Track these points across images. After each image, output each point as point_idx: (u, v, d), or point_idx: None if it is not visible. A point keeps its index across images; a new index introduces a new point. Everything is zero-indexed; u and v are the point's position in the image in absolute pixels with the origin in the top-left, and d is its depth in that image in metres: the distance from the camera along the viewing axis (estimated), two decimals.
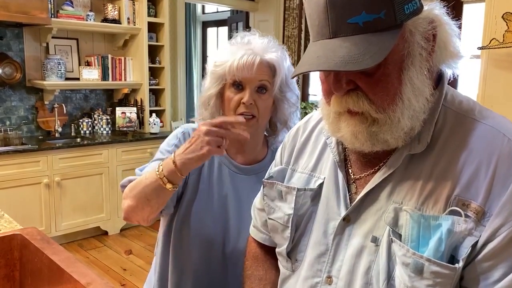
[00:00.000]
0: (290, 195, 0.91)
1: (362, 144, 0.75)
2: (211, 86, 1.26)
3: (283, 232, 0.92)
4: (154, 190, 1.11)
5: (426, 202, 0.72)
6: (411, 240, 0.69)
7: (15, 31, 3.95)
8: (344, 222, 0.81)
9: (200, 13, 6.93)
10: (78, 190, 3.89)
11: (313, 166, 0.91)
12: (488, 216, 0.67)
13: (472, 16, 4.31)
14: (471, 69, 4.17)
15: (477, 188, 0.68)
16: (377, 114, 0.71)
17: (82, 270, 1.06)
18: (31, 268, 1.21)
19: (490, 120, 0.74)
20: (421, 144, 0.74)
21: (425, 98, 0.72)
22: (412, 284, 0.68)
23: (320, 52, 0.69)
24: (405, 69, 0.70)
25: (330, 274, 0.82)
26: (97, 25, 4.23)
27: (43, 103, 4.17)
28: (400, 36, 0.69)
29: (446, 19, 0.75)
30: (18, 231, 1.27)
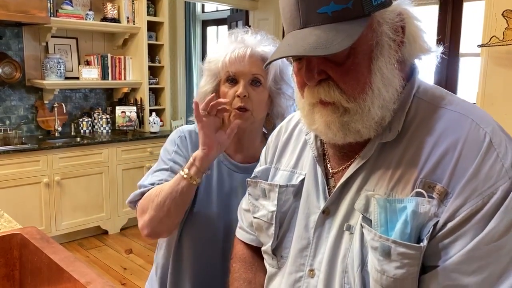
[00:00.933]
0: (273, 192, 0.92)
1: (335, 134, 0.77)
2: (206, 83, 1.28)
3: (267, 229, 0.93)
4: (183, 191, 1.14)
5: (396, 187, 0.73)
6: (380, 225, 0.71)
7: (15, 31, 3.94)
8: (324, 215, 0.83)
9: (200, 11, 6.92)
10: (78, 189, 3.89)
11: (294, 163, 0.94)
12: (450, 197, 0.68)
13: (472, 14, 4.30)
14: (472, 67, 4.18)
15: (443, 170, 0.70)
16: (348, 103, 0.74)
17: (82, 269, 1.06)
18: (31, 268, 1.21)
19: (459, 107, 0.75)
20: (392, 133, 0.76)
21: (394, 88, 0.75)
22: (381, 267, 0.70)
23: (291, 41, 0.72)
24: (374, 58, 0.73)
25: (313, 267, 0.83)
26: (97, 24, 4.22)
27: (43, 103, 4.16)
28: (368, 26, 0.71)
29: (414, 14, 0.77)
30: (17, 230, 1.27)
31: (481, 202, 0.66)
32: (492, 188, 0.66)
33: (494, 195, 0.66)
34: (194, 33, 6.83)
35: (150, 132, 4.44)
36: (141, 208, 1.20)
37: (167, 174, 1.25)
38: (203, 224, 1.26)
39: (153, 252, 1.42)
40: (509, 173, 0.67)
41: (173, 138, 1.33)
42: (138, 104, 4.56)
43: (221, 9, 6.64)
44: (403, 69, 0.79)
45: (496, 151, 0.69)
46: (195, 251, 1.27)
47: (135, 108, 4.48)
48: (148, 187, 1.22)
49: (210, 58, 1.28)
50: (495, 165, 0.68)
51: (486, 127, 0.71)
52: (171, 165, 1.26)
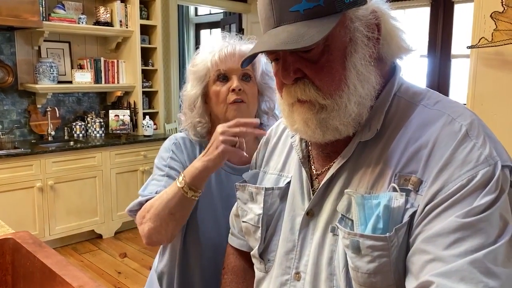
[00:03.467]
0: (259, 195, 0.92)
1: (314, 132, 0.77)
2: (194, 87, 1.29)
3: (255, 233, 0.93)
4: (179, 202, 1.12)
5: (375, 185, 0.74)
6: (360, 223, 0.70)
7: (7, 35, 3.93)
8: (308, 217, 0.83)
9: (193, 15, 6.93)
10: (72, 193, 3.87)
11: (281, 166, 0.94)
12: (424, 185, 0.68)
13: (463, 15, 4.34)
14: (463, 68, 4.20)
15: (417, 162, 0.70)
16: (325, 100, 0.74)
17: (75, 273, 1.06)
18: (23, 272, 1.21)
19: (438, 105, 0.75)
20: (371, 132, 0.77)
21: (371, 85, 0.75)
22: (354, 264, 0.70)
23: (265, 39, 0.74)
24: (348, 55, 0.74)
25: (298, 270, 0.83)
26: (89, 28, 4.22)
27: (36, 107, 4.15)
28: (340, 23, 0.72)
29: (389, 13, 0.78)
30: (10, 235, 1.27)
31: (460, 184, 0.65)
32: (472, 171, 0.65)
33: (474, 178, 0.65)
34: (187, 36, 6.83)
35: (144, 136, 4.43)
36: (140, 218, 1.19)
37: (165, 181, 1.24)
38: (208, 230, 1.26)
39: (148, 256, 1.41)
40: (488, 160, 0.66)
41: (168, 145, 1.33)
42: (132, 108, 4.55)
43: (214, 12, 6.65)
44: (382, 68, 0.80)
45: (473, 141, 0.68)
46: (202, 257, 1.26)
47: (129, 111, 4.47)
48: (147, 196, 1.21)
49: (196, 61, 1.30)
50: (473, 152, 0.67)
51: (463, 121, 0.71)
52: (167, 171, 1.26)
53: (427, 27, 4.56)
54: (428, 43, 4.57)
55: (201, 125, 1.30)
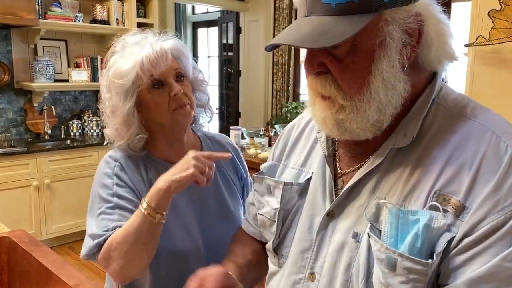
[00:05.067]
0: (277, 189, 0.90)
1: (331, 130, 0.75)
2: (125, 101, 1.15)
3: (270, 227, 0.91)
4: (148, 230, 1.05)
5: (409, 197, 0.70)
6: (390, 236, 0.67)
7: (3, 33, 3.91)
8: (328, 218, 0.80)
9: (190, 13, 6.93)
10: (69, 192, 3.86)
11: (303, 161, 0.91)
12: (467, 212, 0.65)
13: (461, 14, 4.34)
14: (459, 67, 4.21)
15: (459, 183, 0.66)
16: (344, 101, 0.71)
17: (70, 272, 1.05)
18: (19, 271, 1.20)
19: (481, 118, 0.72)
20: (406, 138, 0.73)
21: (397, 93, 0.71)
22: (386, 280, 0.67)
23: (291, 28, 0.70)
24: (376, 59, 0.69)
25: (313, 271, 0.81)
26: (86, 26, 4.20)
27: (32, 105, 4.13)
28: (372, 24, 0.67)
29: (438, 17, 0.73)
30: (5, 233, 1.26)
31: (503, 217, 0.62)
32: None
33: None
34: (184, 35, 6.82)
35: None
36: (105, 259, 1.09)
37: (117, 213, 1.13)
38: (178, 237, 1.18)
39: None
40: None
41: (109, 171, 1.20)
42: None
43: (211, 10, 6.64)
44: (419, 74, 0.75)
45: None
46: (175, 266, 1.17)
47: None
48: (103, 235, 1.10)
49: (121, 71, 1.15)
50: None
51: (509, 140, 0.68)
52: (115, 202, 1.14)
53: None
54: None
55: (139, 139, 1.19)
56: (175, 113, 1.16)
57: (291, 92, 5.62)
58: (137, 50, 1.15)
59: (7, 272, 1.25)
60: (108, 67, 1.20)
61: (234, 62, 6.03)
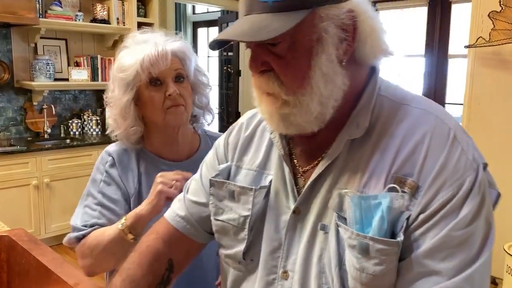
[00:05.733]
0: (245, 195, 0.87)
1: (277, 125, 0.78)
2: (124, 93, 1.21)
3: (236, 234, 0.88)
4: (119, 243, 1.13)
5: (368, 184, 0.74)
6: (355, 222, 0.71)
7: (3, 32, 3.91)
8: (295, 215, 0.82)
9: (190, 13, 6.93)
10: (68, 191, 3.86)
11: (261, 163, 0.90)
12: (421, 190, 0.70)
13: (461, 15, 4.35)
14: (461, 68, 4.22)
15: (412, 165, 0.71)
16: (287, 96, 0.74)
17: (70, 271, 1.05)
18: (19, 270, 1.20)
19: (422, 105, 0.78)
20: (360, 129, 0.77)
21: (336, 86, 0.74)
22: (360, 265, 0.70)
23: (232, 27, 0.74)
24: (314, 54, 0.73)
25: (286, 269, 0.82)
26: (86, 25, 4.21)
27: (32, 104, 4.13)
28: (308, 20, 0.71)
29: (370, 13, 0.76)
30: (5, 232, 1.26)
31: (451, 193, 0.68)
32: (460, 179, 0.69)
33: (463, 186, 0.69)
34: (184, 35, 6.81)
35: None
36: (81, 253, 1.20)
37: (98, 211, 1.21)
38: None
39: None
40: (473, 165, 0.70)
41: (101, 167, 1.27)
42: None
43: (212, 10, 6.64)
44: (359, 69, 0.79)
45: (461, 145, 0.72)
46: None
47: None
48: (82, 230, 1.20)
49: (124, 65, 1.21)
50: (461, 158, 0.70)
51: (449, 123, 0.74)
52: (99, 199, 1.22)
53: (425, 27, 4.57)
54: (426, 43, 4.58)
55: (134, 132, 1.25)
56: (168, 111, 1.20)
57: None
58: (141, 47, 1.20)
59: (7, 271, 1.25)
60: (116, 60, 1.27)
61: (234, 62, 6.02)
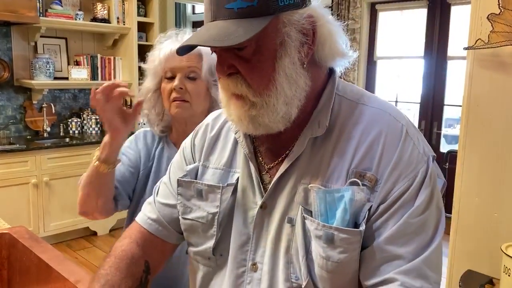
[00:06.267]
0: (213, 193, 0.91)
1: (246, 127, 0.81)
2: (149, 81, 1.38)
3: (205, 231, 0.91)
4: (93, 173, 1.26)
5: (330, 179, 0.79)
6: (320, 214, 0.77)
7: (3, 30, 3.91)
8: (262, 210, 0.85)
9: (190, 13, 6.93)
10: (67, 190, 3.86)
11: (227, 161, 0.93)
12: (380, 183, 0.76)
13: (460, 17, 4.36)
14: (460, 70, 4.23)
15: (371, 160, 0.77)
16: (255, 98, 0.78)
17: (71, 268, 1.06)
18: (20, 267, 1.21)
19: (376, 103, 0.84)
20: (321, 128, 0.82)
21: (300, 87, 0.79)
22: (326, 254, 0.75)
23: (199, 32, 0.77)
24: (278, 57, 0.77)
25: (255, 261, 0.86)
26: (86, 24, 4.21)
27: (31, 103, 4.13)
28: (272, 25, 0.75)
29: (328, 18, 0.81)
30: (6, 230, 1.27)
31: (406, 184, 0.76)
32: (414, 171, 0.76)
33: (416, 177, 0.76)
34: None
35: None
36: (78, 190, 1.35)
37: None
38: None
39: None
40: (423, 157, 0.78)
41: (131, 136, 1.46)
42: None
43: None
44: (319, 70, 0.83)
45: (413, 140, 0.79)
46: None
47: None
48: None
49: (150, 57, 1.37)
50: (414, 152, 0.78)
51: (401, 120, 0.81)
52: (120, 156, 1.35)
53: (424, 28, 4.58)
54: (425, 45, 4.59)
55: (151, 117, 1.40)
56: (172, 104, 1.32)
57: None
58: (166, 43, 1.35)
59: (7, 268, 1.26)
60: None
61: None
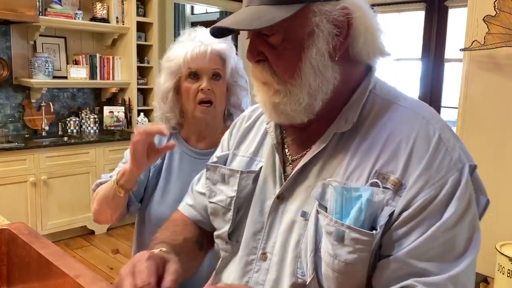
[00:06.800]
0: (233, 178, 0.93)
1: (270, 113, 0.82)
2: (167, 81, 1.36)
3: (224, 215, 0.94)
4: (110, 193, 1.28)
5: (351, 177, 0.77)
6: (336, 211, 0.73)
7: (2, 29, 3.91)
8: (278, 200, 0.85)
9: (189, 13, 6.94)
10: (65, 189, 3.87)
11: (254, 150, 0.95)
12: (404, 188, 0.72)
13: (458, 20, 4.38)
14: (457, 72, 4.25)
15: (396, 163, 0.74)
16: (278, 85, 0.78)
17: (71, 263, 1.06)
18: (19, 262, 1.21)
19: (412, 105, 0.80)
20: (347, 124, 0.80)
21: (326, 80, 0.78)
22: (334, 251, 0.72)
23: (231, 16, 0.79)
24: (306, 47, 0.76)
25: (265, 251, 0.85)
26: (86, 23, 4.21)
27: (30, 102, 4.13)
28: (302, 14, 0.74)
29: (366, 12, 0.78)
30: (5, 225, 1.27)
31: (433, 192, 0.71)
32: (443, 179, 0.71)
33: (445, 185, 0.71)
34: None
35: None
36: (93, 198, 1.37)
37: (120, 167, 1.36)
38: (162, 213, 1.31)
39: None
40: (456, 165, 0.73)
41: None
42: (126, 104, 4.55)
43: (210, 11, 6.65)
44: (353, 66, 0.82)
45: (446, 146, 0.74)
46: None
47: (123, 108, 4.47)
48: (102, 179, 1.37)
49: (170, 56, 1.35)
50: (445, 158, 0.73)
51: (436, 124, 0.76)
52: (125, 160, 1.37)
53: (422, 31, 4.61)
54: (422, 47, 4.61)
55: (170, 117, 1.40)
56: (197, 107, 1.33)
57: None
58: (189, 43, 1.34)
59: (6, 264, 1.26)
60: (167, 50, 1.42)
61: None
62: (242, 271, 0.88)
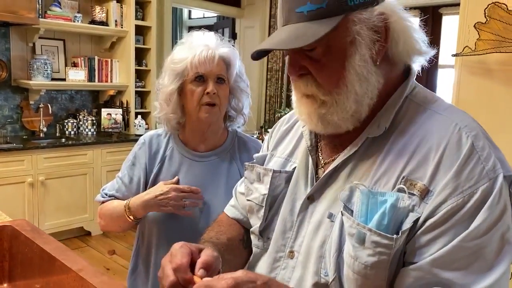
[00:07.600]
0: (266, 176, 0.96)
1: (316, 125, 0.83)
2: (171, 83, 1.37)
3: (258, 212, 0.97)
4: (121, 217, 1.38)
5: (379, 181, 0.77)
6: (361, 215, 0.74)
7: (2, 30, 3.94)
8: (308, 201, 0.88)
9: (186, 18, 6.98)
10: (62, 190, 3.88)
11: (290, 152, 0.98)
12: (431, 195, 0.72)
13: (450, 26, 4.44)
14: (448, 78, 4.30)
15: (425, 170, 0.74)
16: (324, 96, 0.80)
17: (74, 258, 1.08)
18: (21, 258, 1.22)
19: (446, 112, 0.80)
20: (380, 129, 0.81)
21: (371, 85, 0.79)
22: (355, 253, 0.73)
23: (271, 37, 0.80)
24: (349, 56, 0.77)
25: (293, 249, 0.88)
26: (85, 26, 4.24)
27: (28, 103, 4.15)
28: (342, 25, 0.76)
29: (401, 15, 0.80)
30: (8, 222, 1.28)
31: (461, 200, 0.69)
32: (473, 188, 0.70)
33: (475, 194, 0.69)
34: (180, 38, 6.84)
35: (135, 135, 4.45)
36: (99, 214, 1.48)
37: (119, 184, 1.46)
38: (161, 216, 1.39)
39: None
40: (489, 174, 0.71)
41: (135, 148, 1.49)
42: (124, 107, 4.57)
43: (207, 16, 6.70)
44: (392, 69, 0.83)
45: (478, 154, 0.72)
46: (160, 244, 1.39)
47: (121, 110, 4.49)
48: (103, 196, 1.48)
49: (176, 59, 1.37)
50: (476, 166, 0.71)
51: (470, 132, 0.74)
52: (122, 175, 1.46)
53: None
54: None
55: (173, 118, 1.41)
56: (202, 108, 1.35)
57: (284, 98, 5.68)
58: (195, 47, 1.35)
59: (8, 260, 1.26)
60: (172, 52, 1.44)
61: None
62: (270, 267, 0.91)
